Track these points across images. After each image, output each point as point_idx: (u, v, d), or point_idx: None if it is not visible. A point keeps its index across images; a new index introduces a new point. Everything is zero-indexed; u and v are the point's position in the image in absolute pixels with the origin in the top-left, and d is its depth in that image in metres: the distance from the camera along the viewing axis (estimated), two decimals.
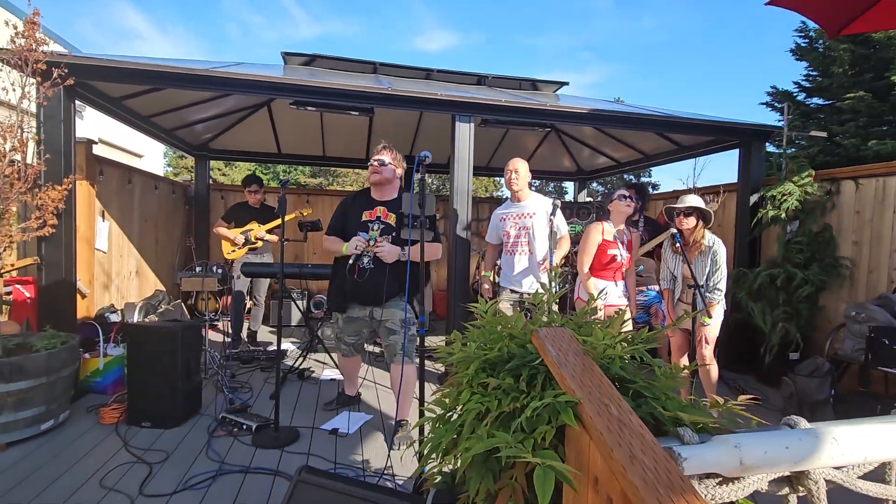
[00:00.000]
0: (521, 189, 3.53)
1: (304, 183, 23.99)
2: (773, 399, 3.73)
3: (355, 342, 3.12)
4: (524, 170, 3.53)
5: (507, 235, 3.52)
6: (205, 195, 6.50)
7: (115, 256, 4.79)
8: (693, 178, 5.39)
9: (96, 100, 4.04)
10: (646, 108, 5.11)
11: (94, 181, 4.22)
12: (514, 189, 3.52)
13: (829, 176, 4.15)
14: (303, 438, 2.92)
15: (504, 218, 3.57)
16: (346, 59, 5.40)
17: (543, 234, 3.39)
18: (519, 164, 3.54)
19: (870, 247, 3.83)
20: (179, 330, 3.02)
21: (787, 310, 3.92)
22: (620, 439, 0.87)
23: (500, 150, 7.07)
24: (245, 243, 4.69)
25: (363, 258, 2.89)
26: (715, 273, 3.12)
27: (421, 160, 2.18)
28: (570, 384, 1.02)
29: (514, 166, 3.53)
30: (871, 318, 3.21)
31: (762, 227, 4.27)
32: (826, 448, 0.98)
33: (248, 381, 3.92)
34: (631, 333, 1.23)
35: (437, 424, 1.31)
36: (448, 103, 4.02)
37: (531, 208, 3.49)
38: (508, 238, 3.52)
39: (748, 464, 0.94)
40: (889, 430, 1.03)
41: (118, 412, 3.06)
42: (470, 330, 1.46)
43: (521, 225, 3.49)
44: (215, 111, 5.44)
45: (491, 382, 1.15)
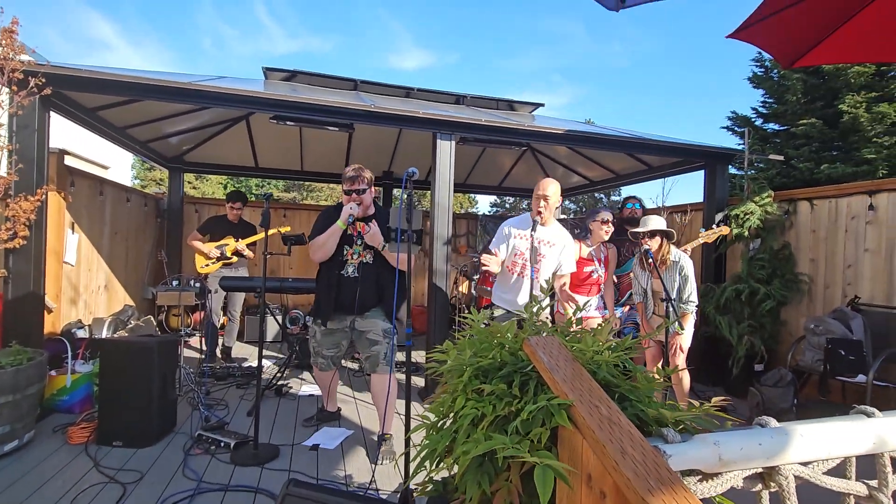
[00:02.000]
0: (549, 215, 3.19)
1: (277, 198, 23.73)
2: (740, 409, 3.88)
3: (334, 355, 3.10)
4: (554, 195, 3.15)
5: (520, 256, 3.19)
6: (178, 208, 6.37)
7: (84, 270, 4.64)
8: (662, 197, 5.64)
9: (70, 110, 3.96)
10: (617, 130, 5.34)
11: (66, 193, 4.10)
12: (543, 218, 3.16)
13: (788, 197, 4.43)
14: (283, 455, 2.88)
15: (521, 237, 3.21)
16: (326, 75, 5.46)
17: (552, 266, 3.21)
18: (548, 189, 3.12)
19: (825, 263, 4.09)
20: (155, 345, 2.95)
21: (751, 323, 4.12)
22: (612, 436, 0.94)
23: (477, 167, 7.22)
24: (220, 258, 4.62)
25: (349, 266, 2.92)
26: (685, 286, 3.28)
27: (409, 176, 2.24)
28: (563, 388, 1.08)
29: (545, 191, 3.11)
30: (829, 331, 3.41)
31: (727, 245, 4.49)
32: (794, 443, 1.06)
33: (224, 398, 3.83)
34: (616, 342, 1.31)
35: (430, 432, 1.35)
36: (430, 121, 4.12)
37: (553, 238, 3.21)
38: (520, 259, 3.19)
39: (726, 459, 1.02)
40: (847, 426, 1.13)
41: (87, 431, 2.94)
42: (461, 340, 1.52)
43: (539, 251, 3.16)
44: (192, 124, 5.39)
45: (485, 388, 1.20)
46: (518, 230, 3.24)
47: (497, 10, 63.11)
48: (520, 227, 3.25)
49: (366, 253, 2.96)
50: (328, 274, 2.94)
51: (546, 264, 3.19)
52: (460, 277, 6.90)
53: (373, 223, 2.87)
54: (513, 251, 3.23)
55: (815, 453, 1.09)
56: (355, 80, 5.54)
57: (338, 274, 2.92)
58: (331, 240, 2.87)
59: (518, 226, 3.27)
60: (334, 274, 2.92)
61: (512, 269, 3.23)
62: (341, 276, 2.92)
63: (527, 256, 3.14)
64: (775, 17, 3.03)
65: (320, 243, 2.89)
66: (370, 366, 2.96)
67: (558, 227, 3.31)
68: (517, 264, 3.21)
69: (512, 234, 3.24)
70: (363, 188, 2.91)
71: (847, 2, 2.81)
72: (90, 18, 50.33)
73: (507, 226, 3.31)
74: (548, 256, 3.20)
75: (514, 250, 3.23)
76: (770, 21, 3.08)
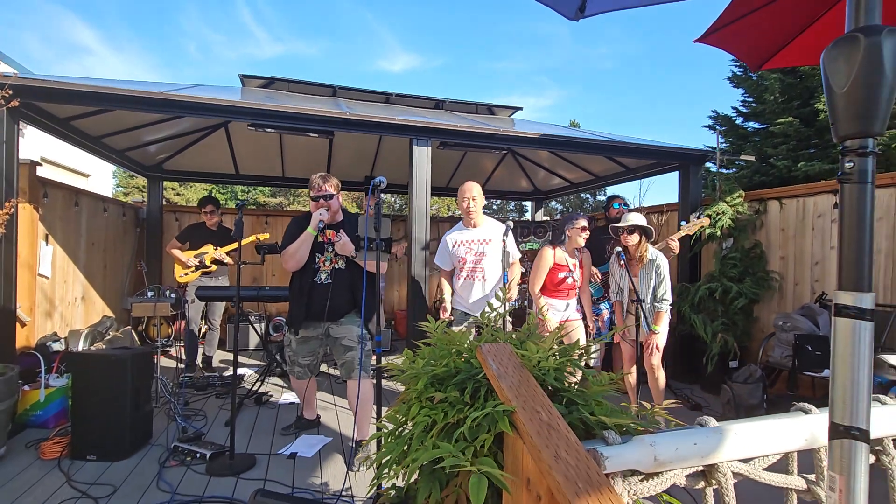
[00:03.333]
0: (478, 215, 3.48)
1: (264, 203, 23.55)
2: (714, 406, 3.97)
3: (310, 363, 3.11)
4: (479, 195, 3.46)
5: (463, 262, 3.44)
6: (157, 217, 6.32)
7: (60, 282, 4.59)
8: (639, 197, 5.75)
9: (42, 120, 3.93)
10: (594, 133, 5.42)
11: (38, 204, 4.06)
12: (473, 217, 3.46)
13: (758, 196, 4.53)
14: (260, 464, 2.88)
15: (458, 243, 3.49)
16: (304, 82, 5.47)
17: (498, 259, 3.38)
18: (475, 189, 3.46)
19: (794, 261, 4.19)
20: (128, 357, 2.93)
21: (724, 321, 4.21)
22: (548, 441, 0.97)
23: (459, 170, 7.27)
24: (199, 267, 4.60)
25: (321, 273, 2.93)
26: (660, 285, 3.34)
27: (376, 185, 2.27)
28: (507, 394, 1.11)
29: (470, 193, 3.44)
30: (796, 328, 3.50)
31: (701, 244, 4.59)
32: (729, 442, 1.11)
33: (203, 409, 3.81)
34: (565, 347, 1.35)
35: (389, 439, 1.38)
36: (406, 127, 4.15)
37: (487, 234, 3.45)
38: (464, 264, 3.44)
39: (662, 460, 1.06)
40: (783, 424, 1.18)
41: (61, 446, 2.91)
42: (421, 348, 1.55)
43: (476, 251, 3.43)
44: (170, 132, 5.36)
45: (437, 396, 1.23)
46: (456, 238, 3.52)
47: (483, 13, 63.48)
48: (459, 233, 3.54)
49: (338, 259, 2.98)
50: (301, 281, 2.95)
51: (491, 260, 3.41)
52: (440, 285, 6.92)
53: (342, 232, 2.90)
54: (455, 258, 3.50)
55: (750, 451, 1.14)
56: (334, 87, 5.55)
57: (311, 281, 2.93)
58: (303, 247, 2.88)
59: (455, 234, 3.54)
60: (307, 281, 2.93)
61: (459, 274, 3.50)
62: (314, 283, 2.93)
63: (469, 260, 3.43)
64: (741, 21, 3.13)
65: (292, 251, 2.89)
66: (346, 372, 2.98)
67: (490, 222, 3.56)
68: (463, 269, 3.47)
69: (449, 244, 3.52)
70: (330, 194, 2.94)
71: (809, 7, 2.91)
72: (70, 23, 49.56)
73: (445, 238, 3.58)
74: (489, 253, 3.43)
75: (455, 257, 3.50)
76: (736, 25, 3.17)
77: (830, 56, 0.77)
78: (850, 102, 0.74)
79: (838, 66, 0.75)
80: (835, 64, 0.75)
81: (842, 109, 0.75)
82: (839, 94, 0.75)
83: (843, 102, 0.74)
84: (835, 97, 0.76)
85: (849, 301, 0.72)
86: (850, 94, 0.73)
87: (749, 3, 2.73)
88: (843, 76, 0.74)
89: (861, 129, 0.73)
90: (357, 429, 2.86)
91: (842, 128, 0.76)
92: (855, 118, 0.73)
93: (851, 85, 0.72)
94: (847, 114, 0.74)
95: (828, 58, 0.77)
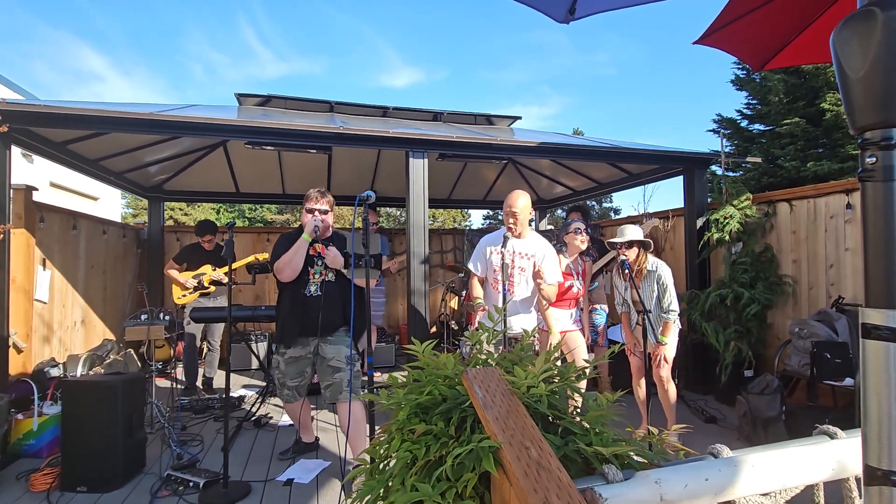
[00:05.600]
0: (522, 229, 3.21)
1: (271, 220, 23.68)
2: (730, 418, 3.79)
3: (298, 384, 2.99)
4: (523, 209, 3.13)
5: (497, 271, 3.14)
6: (159, 238, 6.30)
7: (58, 306, 4.54)
8: (644, 203, 5.61)
9: (37, 145, 3.92)
10: (594, 140, 5.32)
11: (35, 229, 4.03)
12: (515, 231, 3.17)
13: (766, 199, 4.39)
14: (255, 492, 2.77)
15: (497, 252, 3.15)
16: (301, 98, 5.45)
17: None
18: (519, 199, 3.13)
19: (808, 265, 4.03)
20: (119, 384, 2.85)
21: (737, 328, 4.05)
22: (537, 484, 0.86)
23: (460, 182, 7.19)
24: (197, 288, 4.53)
25: (311, 286, 2.86)
26: (664, 296, 3.21)
27: (363, 199, 2.18)
28: (494, 427, 1.00)
29: (514, 206, 3.11)
30: (813, 334, 3.34)
31: (709, 250, 4.44)
32: (745, 476, 0.99)
33: (201, 433, 3.71)
34: (556, 369, 1.23)
35: (370, 475, 1.26)
36: (401, 140, 4.09)
37: (531, 249, 3.19)
38: (497, 273, 3.13)
39: (669, 499, 0.94)
40: (804, 452, 1.05)
41: (50, 477, 2.82)
42: (409, 372, 1.44)
43: (516, 263, 3.18)
44: (168, 152, 5.35)
45: (418, 429, 1.12)
46: (493, 246, 3.21)
47: (483, 25, 64.12)
48: (495, 242, 3.22)
49: (327, 272, 2.93)
50: (291, 294, 2.89)
51: (527, 275, 3.18)
52: (448, 294, 6.82)
53: (331, 246, 2.85)
54: (490, 267, 3.22)
55: (770, 484, 1.01)
56: (330, 103, 5.53)
57: (301, 293, 2.88)
58: (297, 255, 2.82)
59: (493, 241, 3.25)
60: (298, 294, 2.88)
61: (495, 285, 3.22)
62: (304, 296, 2.87)
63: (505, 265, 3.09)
64: (740, 20, 3.03)
65: (287, 260, 2.82)
66: (331, 395, 2.86)
67: (535, 236, 3.29)
68: (498, 280, 3.16)
69: (487, 251, 3.24)
70: (325, 209, 2.92)
71: (810, 4, 2.81)
72: (81, 51, 50.82)
73: (483, 242, 3.32)
74: (527, 269, 3.18)
75: (491, 266, 3.21)
76: (735, 25, 3.07)
77: (842, 37, 0.66)
78: (867, 88, 0.63)
79: (852, 48, 0.65)
80: (848, 46, 0.65)
81: (859, 97, 0.64)
82: (854, 79, 0.64)
83: (859, 89, 0.64)
84: (849, 84, 0.65)
85: (880, 320, 0.61)
86: (867, 79, 0.63)
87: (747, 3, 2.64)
88: (858, 59, 0.64)
89: (883, 118, 0.62)
90: (352, 453, 2.74)
91: (859, 118, 0.65)
92: (875, 106, 0.63)
93: (869, 68, 0.62)
94: (865, 102, 0.64)
95: (839, 39, 0.67)
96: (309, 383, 3.05)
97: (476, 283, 3.33)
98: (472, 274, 3.36)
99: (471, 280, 3.38)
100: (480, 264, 3.29)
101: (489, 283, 3.28)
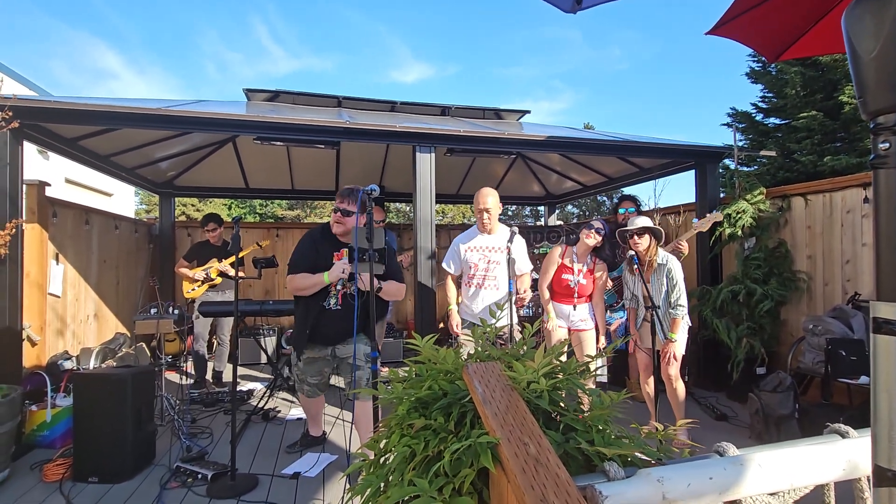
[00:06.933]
0: (494, 222, 3.34)
1: (281, 216, 23.82)
2: (741, 415, 3.73)
3: (318, 382, 3.01)
4: (494, 206, 3.29)
5: (475, 268, 3.30)
6: (170, 233, 6.37)
7: (71, 300, 4.61)
8: (654, 198, 5.54)
9: (49, 141, 3.97)
10: (604, 134, 5.25)
11: (48, 224, 4.09)
12: (487, 225, 3.31)
13: (780, 193, 4.30)
14: (262, 485, 2.79)
15: (471, 249, 3.33)
16: (309, 94, 5.45)
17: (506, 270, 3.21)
18: (489, 198, 3.28)
19: (823, 260, 3.94)
20: (129, 377, 2.88)
21: (750, 325, 3.97)
22: (535, 481, 0.84)
23: (469, 177, 7.16)
24: (205, 280, 4.57)
25: (331, 299, 2.82)
26: (673, 290, 3.16)
27: (367, 193, 2.17)
28: (492, 423, 0.99)
29: (484, 203, 3.26)
30: (828, 331, 3.27)
31: (721, 245, 4.36)
32: (751, 475, 0.96)
33: (210, 426, 3.75)
34: (558, 364, 1.21)
35: (370, 469, 1.26)
36: (408, 135, 4.07)
37: (500, 243, 3.29)
38: (475, 270, 3.30)
39: (672, 498, 0.92)
40: (814, 452, 1.02)
41: (63, 468, 2.87)
42: (409, 366, 1.43)
43: (490, 259, 3.28)
44: (179, 148, 5.39)
45: (417, 423, 1.11)
46: (467, 244, 3.38)
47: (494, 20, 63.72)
48: (468, 240, 3.40)
49: (350, 285, 2.82)
50: (309, 304, 2.79)
51: (501, 269, 3.27)
52: None
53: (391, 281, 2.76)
54: (466, 264, 3.36)
55: (777, 484, 0.98)
56: (338, 97, 5.52)
57: (320, 305, 2.79)
58: (313, 289, 2.75)
59: (466, 239, 3.42)
60: (316, 305, 2.79)
61: (469, 281, 3.35)
62: (323, 308, 2.80)
63: (480, 267, 3.29)
64: (754, 10, 2.94)
65: (301, 286, 2.75)
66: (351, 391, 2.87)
67: (503, 229, 3.40)
68: (473, 276, 3.34)
69: (462, 249, 3.38)
70: (349, 210, 2.78)
71: None
72: (97, 50, 51.51)
73: (457, 241, 3.46)
74: (501, 262, 3.28)
75: (466, 263, 3.36)
76: (749, 15, 2.99)
77: (854, 15, 0.63)
78: (881, 69, 0.60)
79: (864, 26, 0.61)
80: (860, 24, 0.62)
81: (872, 79, 0.61)
82: (867, 60, 0.61)
83: (872, 70, 0.61)
84: (862, 65, 0.62)
85: (892, 314, 0.58)
86: (881, 59, 0.59)
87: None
88: (871, 38, 0.60)
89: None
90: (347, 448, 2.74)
91: (872, 101, 0.62)
92: (889, 88, 0.59)
93: (882, 47, 0.59)
94: (879, 84, 0.60)
95: (851, 18, 0.63)
96: (329, 379, 3.07)
97: (450, 283, 3.45)
98: (447, 273, 3.46)
99: (446, 280, 3.47)
100: (454, 263, 3.42)
101: (464, 282, 3.40)
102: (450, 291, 3.42)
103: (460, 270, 3.41)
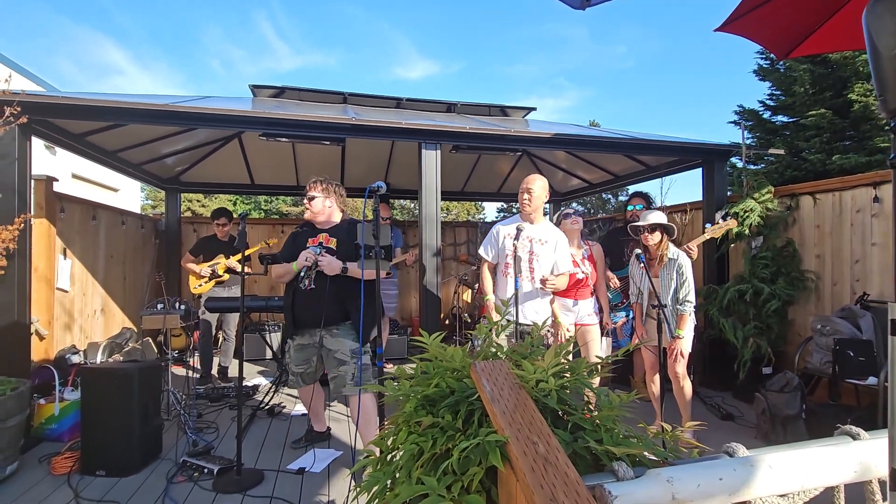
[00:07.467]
0: (536, 211, 3.21)
1: (286, 212, 23.87)
2: (748, 415, 3.72)
3: (303, 371, 3.02)
4: (539, 189, 3.16)
5: (511, 255, 3.08)
6: (176, 228, 6.40)
7: (79, 295, 4.65)
8: (661, 196, 5.51)
9: (57, 137, 3.98)
10: (610, 131, 5.22)
11: (55, 219, 4.11)
12: (528, 211, 3.20)
13: (789, 192, 4.26)
14: (267, 480, 2.80)
15: (510, 236, 3.12)
16: (315, 90, 5.44)
17: (549, 264, 3.17)
18: (533, 183, 3.16)
19: (832, 260, 3.91)
20: (136, 371, 2.90)
21: (757, 325, 3.95)
22: (544, 480, 0.84)
23: (474, 174, 7.14)
24: (212, 276, 4.59)
25: (304, 280, 2.88)
26: (683, 286, 3.14)
27: (373, 190, 2.17)
28: (501, 421, 0.98)
29: (528, 184, 3.16)
30: (836, 331, 3.24)
31: (728, 244, 4.34)
32: (761, 476, 0.95)
33: (216, 421, 3.77)
34: (569, 363, 1.21)
35: (377, 466, 1.26)
36: (414, 131, 4.06)
37: (544, 236, 3.18)
38: (510, 258, 3.08)
39: (681, 498, 0.91)
40: (826, 453, 1.01)
41: (71, 461, 2.90)
42: (417, 363, 1.43)
43: (530, 249, 3.14)
44: (185, 144, 5.41)
45: (424, 421, 1.11)
46: (508, 230, 3.20)
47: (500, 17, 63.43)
48: (512, 226, 3.18)
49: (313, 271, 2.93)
50: (289, 288, 2.98)
51: (541, 262, 3.16)
52: (461, 286, 6.81)
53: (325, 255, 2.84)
54: (503, 251, 3.18)
55: (787, 485, 0.98)
56: (344, 94, 5.51)
57: (294, 286, 2.92)
58: (286, 276, 2.97)
59: (508, 226, 3.24)
60: (294, 286, 2.93)
61: (505, 270, 3.20)
62: (297, 289, 2.90)
63: (518, 256, 3.06)
64: (764, 7, 2.91)
65: (278, 273, 3.04)
66: (335, 387, 2.88)
67: (548, 224, 3.31)
68: (509, 265, 3.13)
69: (501, 235, 3.22)
70: (312, 195, 2.98)
71: None
72: (102, 46, 51.72)
73: (497, 227, 3.32)
74: (542, 255, 3.16)
75: (504, 250, 3.18)
76: (759, 12, 2.95)
77: (875, 13, 0.62)
78: None
79: (885, 24, 0.60)
80: (881, 21, 0.61)
81: (892, 77, 0.60)
82: (888, 57, 0.60)
83: (893, 68, 0.60)
84: (882, 62, 0.61)
85: None
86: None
87: None
88: (892, 36, 0.59)
89: None
90: (363, 444, 2.76)
91: (893, 99, 0.61)
92: None
93: None
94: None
95: (871, 15, 0.62)
96: (316, 373, 3.08)
97: (486, 271, 3.31)
98: (483, 260, 3.33)
99: (481, 268, 3.34)
100: (492, 249, 3.27)
101: (500, 271, 3.24)
102: (486, 281, 3.29)
103: (497, 259, 3.26)
